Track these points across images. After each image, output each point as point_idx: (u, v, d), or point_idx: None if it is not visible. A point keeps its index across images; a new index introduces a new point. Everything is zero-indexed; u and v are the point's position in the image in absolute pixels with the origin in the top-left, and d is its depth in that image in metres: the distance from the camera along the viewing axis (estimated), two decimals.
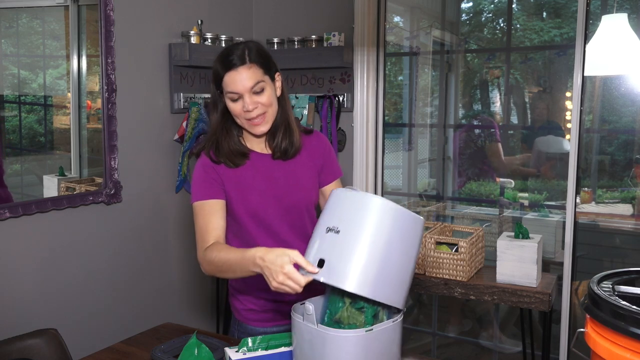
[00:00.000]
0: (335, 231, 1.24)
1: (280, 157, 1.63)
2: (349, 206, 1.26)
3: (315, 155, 1.69)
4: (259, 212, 1.61)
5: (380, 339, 1.22)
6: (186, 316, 2.99)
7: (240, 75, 1.51)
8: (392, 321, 1.25)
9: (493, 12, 4.09)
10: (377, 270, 1.20)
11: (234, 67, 1.51)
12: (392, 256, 1.23)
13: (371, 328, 1.21)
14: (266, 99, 1.54)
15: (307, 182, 1.65)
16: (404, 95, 3.97)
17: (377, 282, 1.20)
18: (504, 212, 3.50)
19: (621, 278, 1.53)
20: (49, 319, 2.31)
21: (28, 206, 2.22)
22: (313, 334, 1.22)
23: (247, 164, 1.62)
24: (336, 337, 1.19)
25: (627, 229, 3.40)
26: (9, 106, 2.30)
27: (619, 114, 3.54)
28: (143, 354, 1.74)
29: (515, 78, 3.77)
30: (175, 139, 2.85)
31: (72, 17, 2.45)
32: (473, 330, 3.63)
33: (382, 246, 1.22)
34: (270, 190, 1.61)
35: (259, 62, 1.54)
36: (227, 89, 1.53)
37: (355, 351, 1.20)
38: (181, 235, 2.96)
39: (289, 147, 1.62)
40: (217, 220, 1.56)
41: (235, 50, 1.53)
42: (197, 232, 1.58)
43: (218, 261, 1.47)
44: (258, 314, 1.71)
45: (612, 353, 1.32)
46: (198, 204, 1.59)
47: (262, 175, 1.62)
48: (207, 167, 1.60)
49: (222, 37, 2.98)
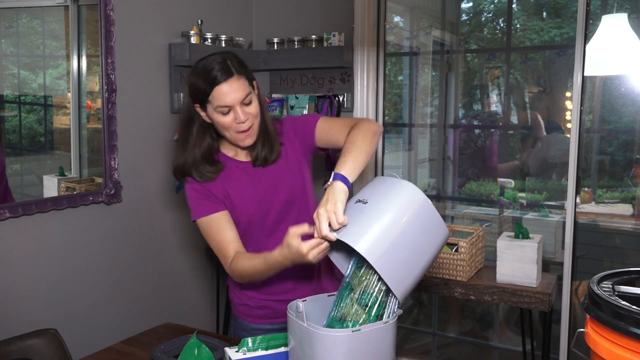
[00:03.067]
0: (363, 202, 1.30)
1: (260, 164, 1.63)
2: (381, 185, 1.34)
3: (295, 143, 1.66)
4: (255, 219, 1.61)
5: (369, 340, 1.22)
6: (186, 316, 2.99)
7: (231, 87, 1.48)
8: (383, 323, 1.24)
9: (493, 12, 4.09)
10: (390, 245, 1.23)
11: (222, 80, 1.48)
12: (408, 240, 1.26)
13: (358, 328, 1.21)
14: (254, 109, 1.54)
15: (293, 176, 1.64)
16: (404, 95, 3.97)
17: (386, 255, 1.23)
18: (504, 212, 3.50)
19: (621, 278, 1.53)
20: (49, 319, 2.31)
21: (28, 206, 2.22)
22: (303, 331, 1.24)
23: (231, 175, 1.62)
24: (323, 336, 1.20)
25: (627, 229, 3.40)
26: (9, 106, 2.30)
27: (619, 114, 3.54)
28: (143, 354, 1.74)
29: (515, 78, 3.77)
30: (175, 139, 2.85)
31: (72, 17, 2.45)
32: (473, 330, 3.63)
33: (401, 226, 1.25)
34: (259, 196, 1.61)
35: (244, 73, 1.52)
36: (217, 103, 1.49)
37: (342, 351, 1.20)
38: (181, 235, 2.96)
39: (269, 154, 1.61)
40: (229, 232, 1.57)
41: (215, 64, 1.49)
42: (215, 249, 1.59)
43: (246, 273, 1.53)
44: (252, 310, 1.73)
45: (612, 353, 1.32)
46: (203, 221, 1.59)
47: (250, 184, 1.62)
48: (195, 187, 1.60)
49: (222, 37, 2.98)
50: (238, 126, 1.52)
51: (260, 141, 1.61)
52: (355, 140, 1.46)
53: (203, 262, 3.12)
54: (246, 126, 1.53)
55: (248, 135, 1.55)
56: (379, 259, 1.22)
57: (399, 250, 1.25)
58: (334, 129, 1.59)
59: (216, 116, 1.52)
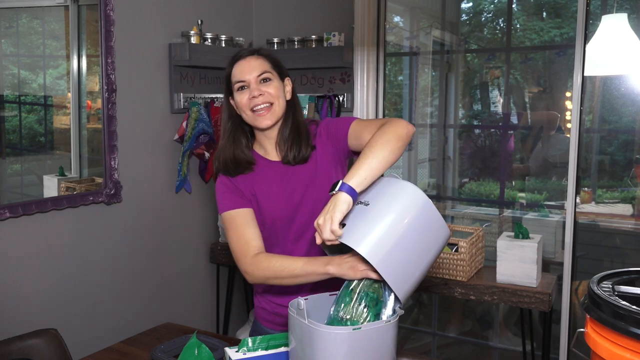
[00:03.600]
0: (365, 204, 1.31)
1: (289, 163, 1.62)
2: (383, 186, 1.34)
3: (327, 146, 1.64)
4: (280, 219, 1.60)
5: (369, 338, 1.22)
6: (186, 316, 2.99)
7: (249, 64, 1.54)
8: (385, 322, 1.25)
9: (493, 12, 4.09)
10: (392, 247, 1.24)
11: (242, 57, 1.55)
12: (409, 242, 1.27)
13: (359, 327, 1.21)
14: (273, 90, 1.55)
15: (321, 179, 1.62)
16: (404, 95, 3.97)
17: (388, 257, 1.23)
18: (504, 212, 3.50)
19: (621, 278, 1.53)
20: (49, 319, 2.31)
21: (28, 206, 2.22)
22: (303, 329, 1.24)
23: (260, 173, 1.61)
24: (323, 333, 1.20)
25: (627, 229, 3.40)
26: (9, 106, 2.30)
27: (619, 114, 3.54)
28: (143, 354, 1.74)
29: (515, 78, 3.77)
30: (175, 139, 2.85)
31: (72, 17, 2.45)
32: (473, 330, 3.63)
33: (403, 227, 1.26)
34: (286, 195, 1.60)
35: (268, 58, 1.58)
36: (235, 79, 1.55)
37: (343, 349, 1.20)
38: (181, 235, 2.96)
39: (297, 154, 1.60)
40: (252, 229, 1.57)
41: (245, 49, 1.61)
42: (236, 243, 1.57)
43: (278, 269, 1.49)
44: (268, 314, 1.72)
45: (612, 353, 1.32)
46: (228, 215, 1.59)
47: (279, 183, 1.61)
48: (225, 182, 1.61)
49: (222, 37, 2.98)
50: (252, 102, 1.53)
51: (291, 140, 1.60)
52: (374, 145, 1.38)
53: (203, 262, 3.12)
54: (260, 101, 1.53)
55: (266, 116, 1.55)
56: (380, 261, 1.22)
57: (400, 251, 1.25)
58: (365, 130, 1.51)
59: (236, 96, 1.55)
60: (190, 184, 2.94)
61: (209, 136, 2.86)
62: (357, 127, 1.55)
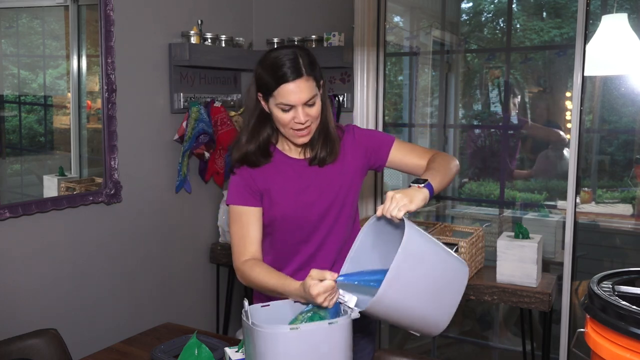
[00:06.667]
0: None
1: (317, 164, 1.61)
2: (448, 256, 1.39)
3: (357, 154, 1.65)
4: (293, 219, 1.60)
5: (311, 340, 1.20)
6: (186, 316, 2.99)
7: (298, 88, 1.45)
8: (328, 323, 1.23)
9: (493, 12, 4.09)
10: (400, 307, 1.30)
11: (291, 79, 1.44)
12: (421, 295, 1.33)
13: (297, 326, 1.19)
14: (316, 111, 1.51)
15: (343, 186, 1.62)
16: (404, 95, 3.97)
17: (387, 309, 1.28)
18: (504, 212, 3.50)
19: (621, 278, 1.54)
20: (49, 319, 2.31)
21: (28, 206, 2.22)
22: (246, 329, 1.27)
23: (277, 168, 1.60)
24: (261, 333, 1.20)
25: (627, 229, 3.40)
26: (9, 106, 2.30)
27: (619, 114, 3.54)
28: (143, 354, 1.74)
29: (515, 78, 3.77)
30: (175, 139, 2.85)
31: (72, 17, 2.45)
32: (473, 330, 3.63)
33: (427, 300, 1.33)
34: (300, 192, 1.59)
35: (313, 74, 1.48)
36: (280, 100, 1.47)
37: (280, 349, 1.19)
38: (181, 235, 2.96)
39: (327, 156, 1.59)
40: (254, 231, 1.58)
41: (286, 60, 1.46)
42: (234, 239, 1.58)
43: (256, 282, 1.52)
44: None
45: (612, 353, 1.32)
46: (235, 209, 1.59)
47: (296, 181, 1.60)
48: (243, 174, 1.60)
49: (222, 37, 2.97)
50: (296, 125, 1.50)
51: (321, 141, 1.59)
52: (447, 164, 1.58)
53: (203, 262, 3.12)
54: (304, 125, 1.51)
55: (305, 136, 1.53)
56: (373, 312, 1.28)
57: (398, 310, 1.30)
58: (413, 153, 1.67)
59: (276, 111, 1.50)
60: (190, 184, 2.94)
61: (209, 136, 2.86)
62: (403, 148, 1.68)
